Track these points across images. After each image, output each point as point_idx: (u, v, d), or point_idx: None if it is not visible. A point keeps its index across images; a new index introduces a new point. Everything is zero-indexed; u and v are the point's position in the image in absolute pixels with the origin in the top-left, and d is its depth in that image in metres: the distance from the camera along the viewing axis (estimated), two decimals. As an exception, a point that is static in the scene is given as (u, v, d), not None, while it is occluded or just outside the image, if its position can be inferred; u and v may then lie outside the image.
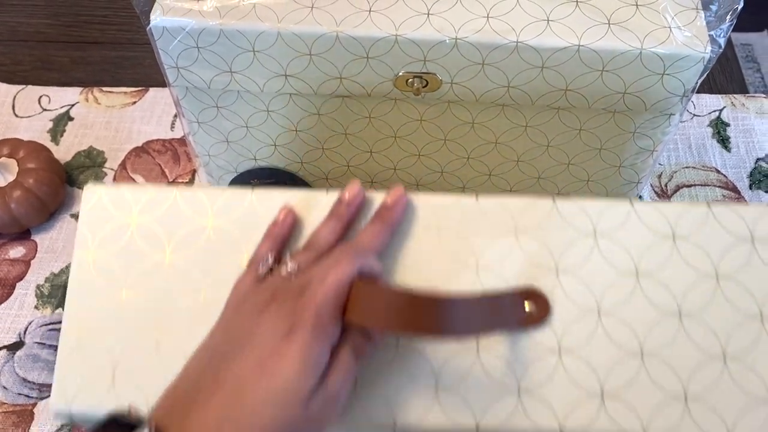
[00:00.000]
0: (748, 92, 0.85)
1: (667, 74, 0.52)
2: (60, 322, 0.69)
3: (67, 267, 0.72)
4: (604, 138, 0.58)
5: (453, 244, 0.42)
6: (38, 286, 0.71)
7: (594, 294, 0.39)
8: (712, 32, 0.51)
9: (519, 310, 0.39)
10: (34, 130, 0.81)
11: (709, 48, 0.50)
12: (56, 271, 0.72)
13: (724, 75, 0.88)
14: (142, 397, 0.41)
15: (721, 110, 0.83)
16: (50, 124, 0.81)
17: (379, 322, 0.35)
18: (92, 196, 0.46)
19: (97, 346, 0.43)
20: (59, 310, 0.70)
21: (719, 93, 0.84)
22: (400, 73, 0.54)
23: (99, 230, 0.45)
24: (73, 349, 0.43)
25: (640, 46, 0.51)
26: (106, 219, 0.45)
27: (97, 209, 0.46)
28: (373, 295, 0.36)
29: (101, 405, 0.41)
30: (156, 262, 0.44)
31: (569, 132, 0.58)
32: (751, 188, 0.77)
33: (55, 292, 0.71)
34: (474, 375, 0.38)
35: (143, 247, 0.45)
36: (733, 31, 0.53)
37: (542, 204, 0.43)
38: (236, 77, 0.55)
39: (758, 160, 0.79)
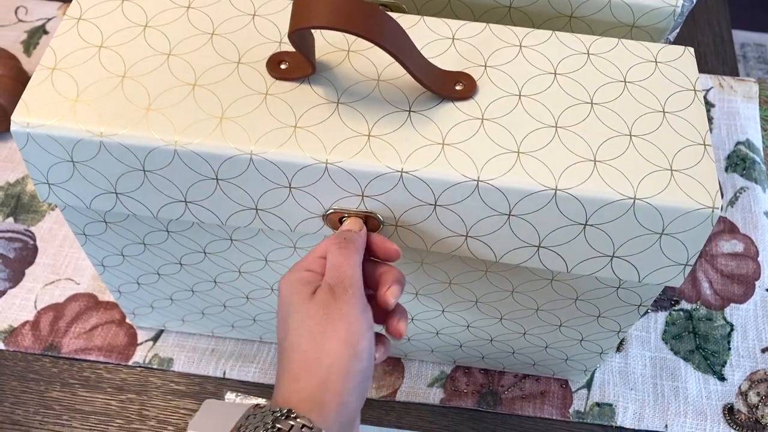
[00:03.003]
0: (738, 75, 0.82)
1: (637, 26, 0.50)
2: (9, 231, 0.68)
3: (24, 178, 0.71)
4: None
5: None
6: (-8, 194, 0.70)
7: (517, 84, 0.43)
8: (683, -17, 0.49)
9: (449, 84, 0.43)
10: (7, 40, 0.80)
11: (680, 1, 0.49)
12: (12, 180, 0.71)
13: (716, 57, 0.86)
14: (97, 118, 0.41)
15: (708, 90, 0.81)
16: (24, 36, 0.80)
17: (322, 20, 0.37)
18: None
19: (66, 79, 0.42)
20: (10, 219, 0.69)
21: (709, 73, 0.82)
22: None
23: (91, 1, 0.45)
24: (42, 81, 0.42)
25: (609, -7, 0.49)
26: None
27: None
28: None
29: (60, 122, 0.41)
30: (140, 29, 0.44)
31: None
32: (726, 170, 0.75)
33: (8, 201, 0.70)
34: (404, 128, 0.41)
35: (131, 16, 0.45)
36: (747, 30, 0.51)
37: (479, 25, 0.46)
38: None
39: (738, 143, 0.77)
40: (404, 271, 0.48)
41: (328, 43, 0.44)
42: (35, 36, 0.80)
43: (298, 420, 0.34)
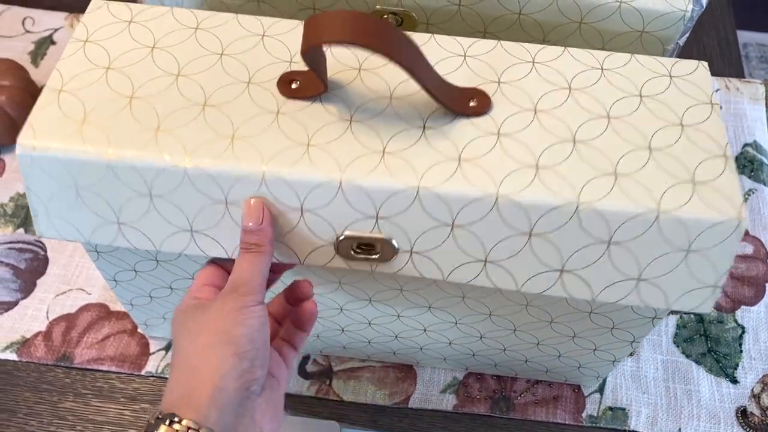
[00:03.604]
0: (744, 78, 0.83)
1: (646, 32, 0.50)
2: (20, 242, 0.68)
3: (33, 188, 0.71)
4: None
5: None
6: (2, 205, 0.70)
7: (532, 99, 0.43)
8: (693, -13, 0.49)
9: (464, 101, 0.43)
10: (15, 50, 0.80)
11: (690, 6, 0.49)
12: (22, 191, 0.71)
13: (722, 59, 0.86)
14: (104, 140, 0.41)
15: (714, 92, 0.80)
16: (32, 47, 0.80)
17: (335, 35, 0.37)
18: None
19: (73, 100, 0.42)
20: (20, 230, 0.69)
21: (715, 76, 0.82)
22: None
23: (98, 23, 0.46)
24: (48, 103, 0.42)
25: (619, -2, 0.49)
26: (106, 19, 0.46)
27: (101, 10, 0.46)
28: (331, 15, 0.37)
29: (67, 144, 0.41)
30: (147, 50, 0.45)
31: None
32: (734, 172, 0.75)
33: (18, 212, 0.70)
34: (419, 144, 0.41)
35: (139, 39, 0.45)
36: (750, 30, 0.51)
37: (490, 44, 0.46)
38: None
39: (745, 145, 0.77)
40: (417, 285, 0.48)
41: (338, 62, 0.44)
42: (42, 46, 0.80)
43: (166, 419, 0.34)
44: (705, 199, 0.39)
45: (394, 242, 0.41)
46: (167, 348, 0.63)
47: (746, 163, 0.76)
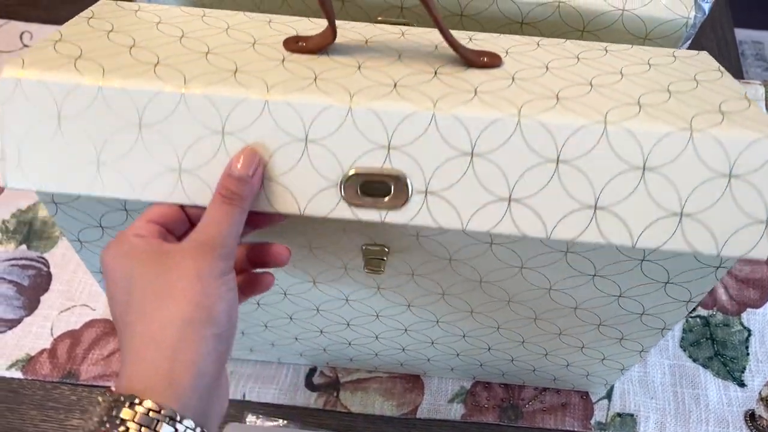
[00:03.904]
0: (743, 78, 0.83)
1: (649, 39, 0.50)
2: (23, 258, 0.68)
3: (35, 204, 0.71)
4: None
5: None
6: (3, 222, 0.70)
7: (542, 62, 0.41)
8: (695, -5, 0.49)
9: (476, 57, 0.41)
10: (13, 65, 0.79)
11: (693, 13, 0.49)
12: (23, 207, 0.71)
13: (721, 61, 0.86)
14: (98, 70, 0.37)
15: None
16: (30, 61, 0.80)
17: None
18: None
19: (70, 46, 0.39)
20: (23, 246, 0.69)
21: (714, 77, 0.82)
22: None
23: (106, 9, 0.44)
24: (43, 47, 0.39)
25: (622, 7, 0.49)
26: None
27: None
28: None
29: (57, 73, 0.37)
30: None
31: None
32: (736, 174, 0.75)
33: (20, 228, 0.70)
34: (432, 83, 0.38)
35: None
36: (744, 27, 0.51)
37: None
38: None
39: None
40: (427, 300, 0.48)
41: (344, 37, 0.42)
42: (41, 61, 0.80)
43: (143, 405, 0.30)
44: (736, 122, 0.36)
45: (408, 179, 0.37)
46: (173, 363, 0.63)
47: (748, 165, 0.75)
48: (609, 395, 0.62)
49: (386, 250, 0.43)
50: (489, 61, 0.40)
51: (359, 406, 0.61)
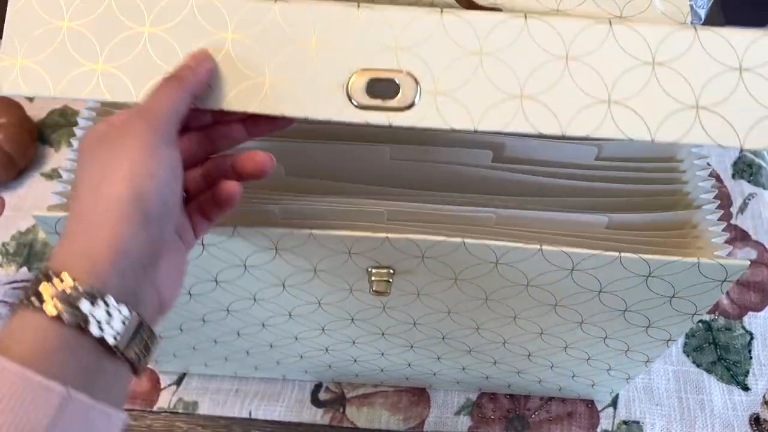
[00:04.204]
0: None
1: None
2: (24, 281, 0.68)
3: (34, 226, 0.71)
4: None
5: None
6: (3, 244, 0.70)
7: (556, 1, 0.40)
8: (692, 2, 0.49)
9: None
10: (8, 85, 0.79)
11: (689, 19, 0.49)
12: (23, 229, 0.71)
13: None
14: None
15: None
16: (25, 81, 0.79)
17: None
18: None
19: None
20: (23, 269, 0.69)
21: (709, 79, 0.83)
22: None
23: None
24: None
25: (619, 14, 0.49)
26: None
27: None
28: None
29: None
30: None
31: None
32: (733, 177, 0.75)
33: (20, 251, 0.70)
34: (434, 35, 0.37)
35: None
36: (739, 26, 0.51)
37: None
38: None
39: (743, 149, 0.77)
40: (433, 319, 0.48)
41: None
42: (36, 80, 0.80)
43: (61, 281, 0.29)
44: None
45: (416, 77, 0.36)
46: (178, 382, 0.63)
47: (745, 168, 0.76)
48: (614, 403, 0.62)
49: (392, 271, 0.43)
50: (496, 8, 0.40)
51: (366, 421, 0.61)
